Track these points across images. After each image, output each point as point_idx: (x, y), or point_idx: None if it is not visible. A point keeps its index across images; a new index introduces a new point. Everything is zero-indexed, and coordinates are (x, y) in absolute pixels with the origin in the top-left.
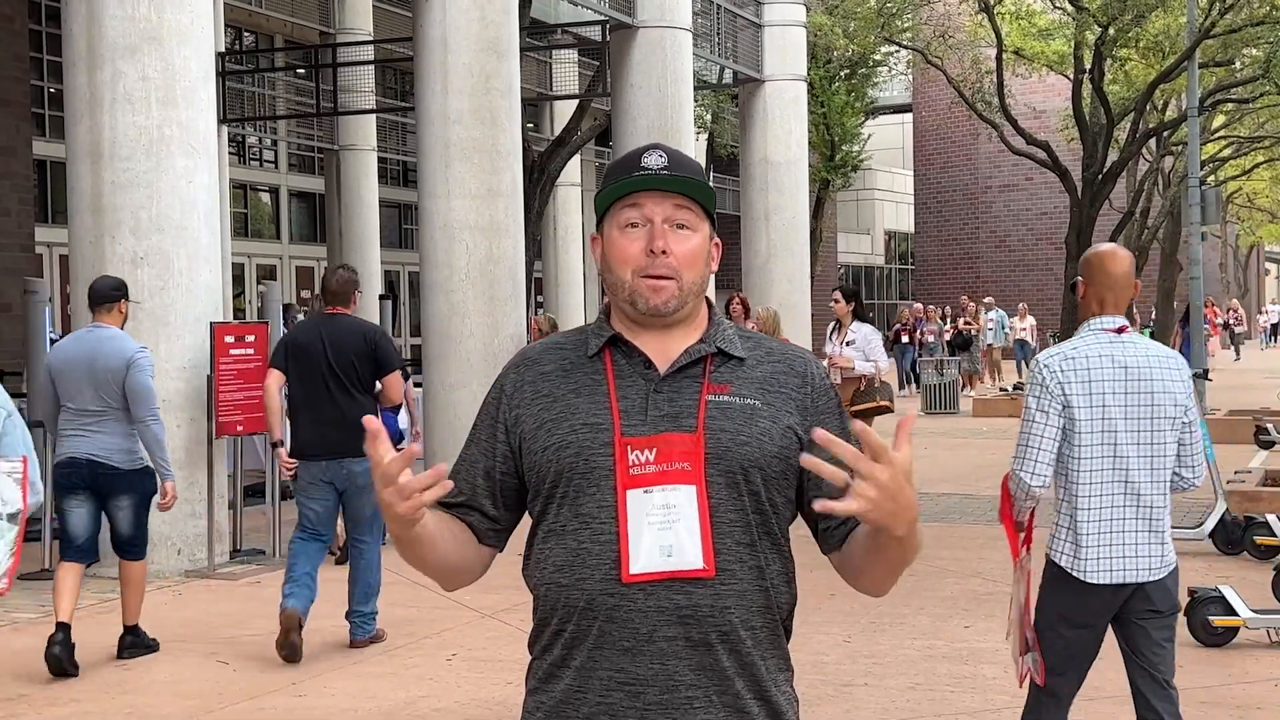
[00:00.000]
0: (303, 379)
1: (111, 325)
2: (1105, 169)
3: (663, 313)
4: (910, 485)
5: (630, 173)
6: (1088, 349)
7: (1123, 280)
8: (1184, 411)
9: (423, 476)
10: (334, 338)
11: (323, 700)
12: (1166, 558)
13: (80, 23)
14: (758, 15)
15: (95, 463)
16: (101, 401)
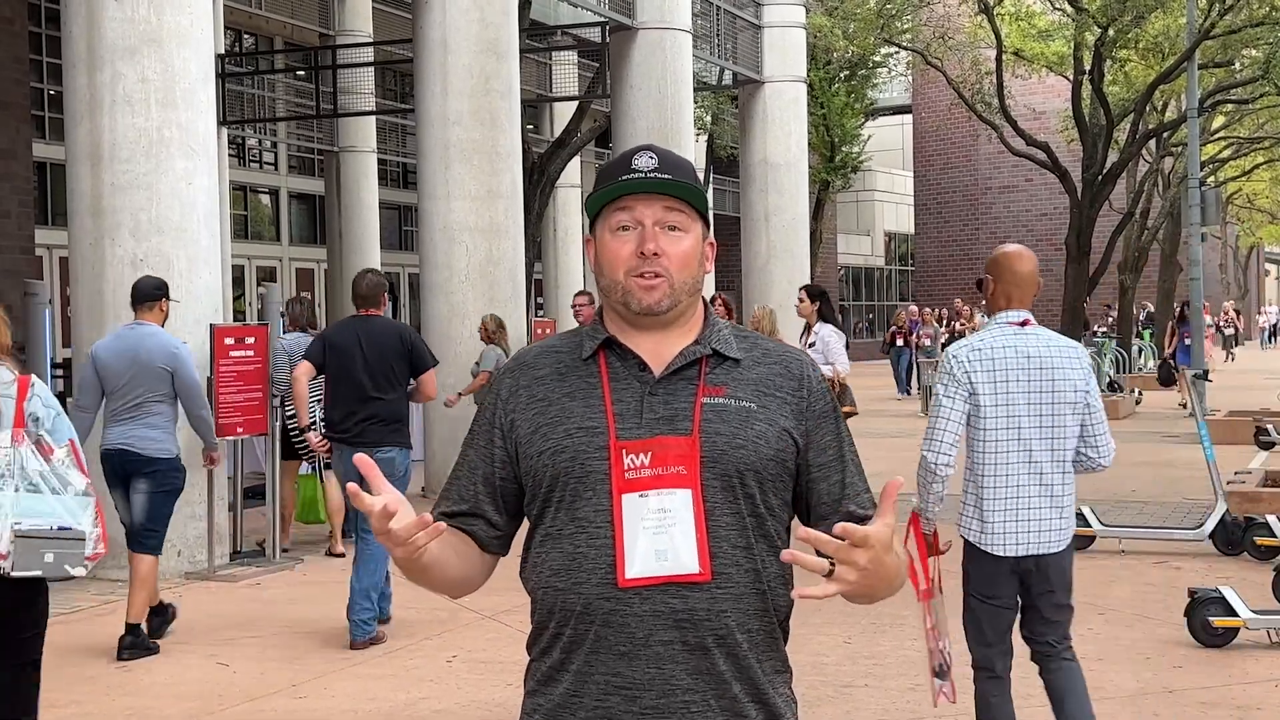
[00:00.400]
0: (340, 376)
1: (152, 322)
2: (1105, 170)
3: (656, 311)
4: (890, 553)
5: (620, 175)
6: (994, 340)
7: (1028, 279)
8: (1084, 396)
9: (410, 525)
10: (371, 338)
11: (323, 702)
12: (1066, 531)
13: (80, 25)
14: (757, 16)
15: (124, 451)
16: (141, 394)
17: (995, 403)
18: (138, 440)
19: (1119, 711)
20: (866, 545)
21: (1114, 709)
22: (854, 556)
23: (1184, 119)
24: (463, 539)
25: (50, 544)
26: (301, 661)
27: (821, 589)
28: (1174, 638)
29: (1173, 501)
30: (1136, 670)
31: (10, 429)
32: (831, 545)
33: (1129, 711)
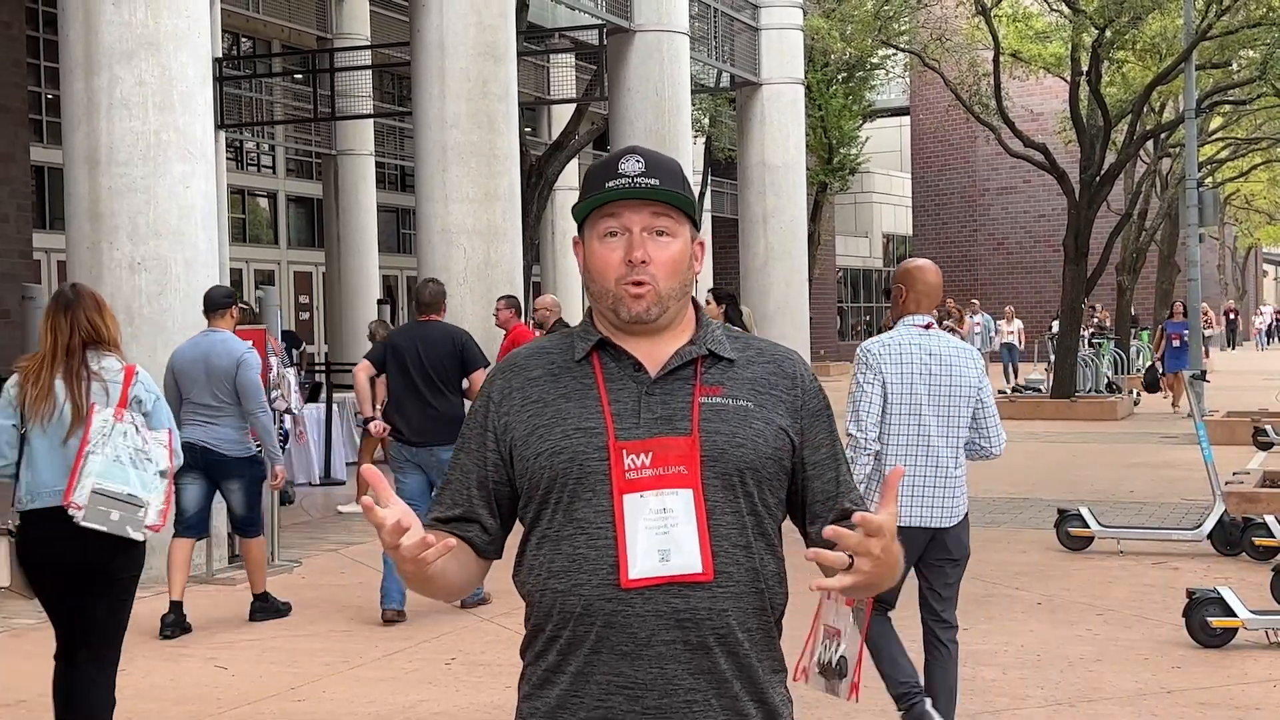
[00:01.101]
0: (400, 376)
1: (223, 329)
2: (1103, 171)
3: (645, 320)
4: (894, 541)
5: (607, 180)
6: (903, 339)
7: (935, 288)
8: (976, 392)
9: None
10: (427, 341)
11: (321, 705)
12: (958, 509)
13: (77, 28)
14: (754, 19)
15: (208, 449)
16: (215, 397)
17: (900, 393)
18: (220, 442)
19: (1117, 712)
20: (880, 534)
21: (1112, 709)
22: (870, 546)
23: (1182, 120)
24: (460, 545)
25: (117, 506)
26: (299, 664)
27: (838, 580)
28: (1172, 638)
29: (1171, 502)
30: (1135, 671)
31: (115, 407)
32: (853, 539)
33: (1127, 712)
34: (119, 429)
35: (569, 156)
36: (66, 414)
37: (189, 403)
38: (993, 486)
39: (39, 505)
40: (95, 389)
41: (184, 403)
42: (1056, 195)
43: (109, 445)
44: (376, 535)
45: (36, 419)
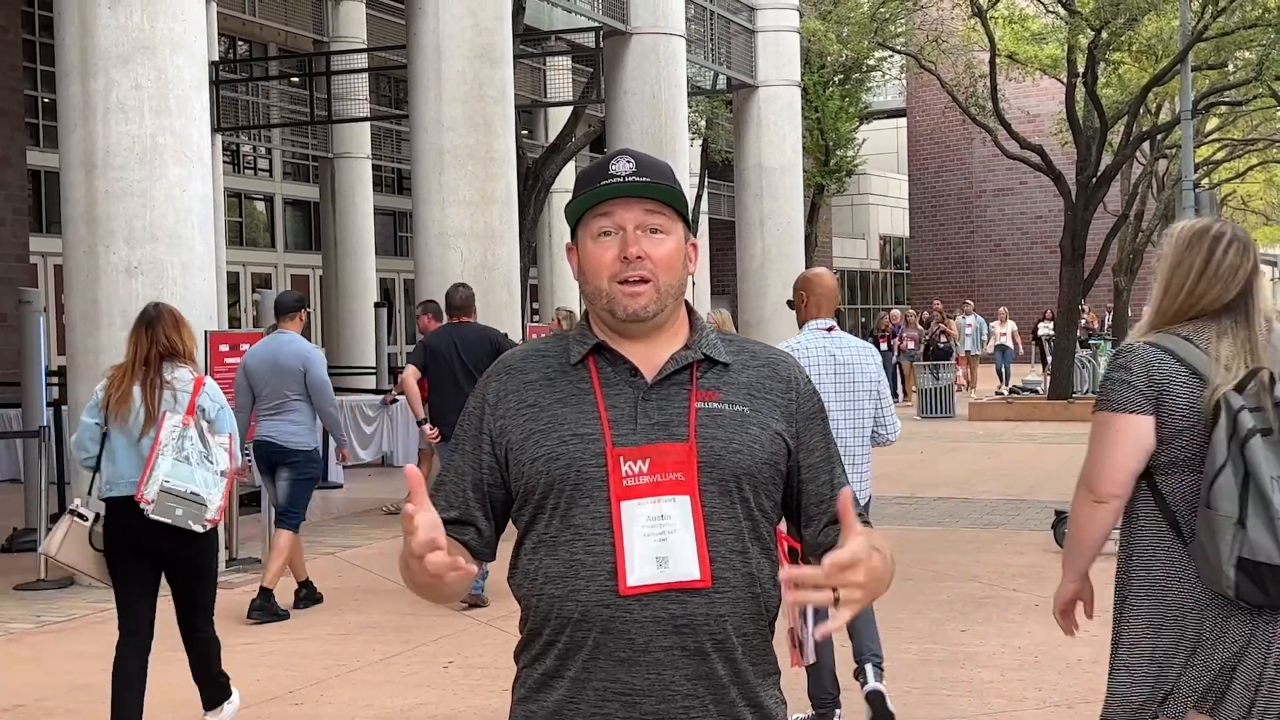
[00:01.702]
0: (440, 375)
1: (292, 330)
2: (1099, 172)
3: (642, 317)
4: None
5: (598, 181)
6: (809, 342)
7: (831, 295)
8: (876, 386)
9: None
10: (464, 341)
11: (319, 709)
12: (864, 495)
13: (73, 32)
14: (751, 21)
15: (270, 443)
16: (281, 394)
17: None
18: (280, 434)
19: None
20: (855, 565)
21: None
22: (850, 578)
23: (1178, 121)
24: (455, 546)
25: (182, 502)
26: (297, 668)
27: (836, 621)
28: None
29: None
30: None
31: (184, 414)
32: (823, 577)
33: None
34: (186, 433)
35: (566, 159)
36: (141, 416)
37: (260, 399)
38: (990, 488)
39: (117, 493)
40: (167, 397)
41: (256, 400)
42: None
43: (175, 447)
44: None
45: (116, 419)
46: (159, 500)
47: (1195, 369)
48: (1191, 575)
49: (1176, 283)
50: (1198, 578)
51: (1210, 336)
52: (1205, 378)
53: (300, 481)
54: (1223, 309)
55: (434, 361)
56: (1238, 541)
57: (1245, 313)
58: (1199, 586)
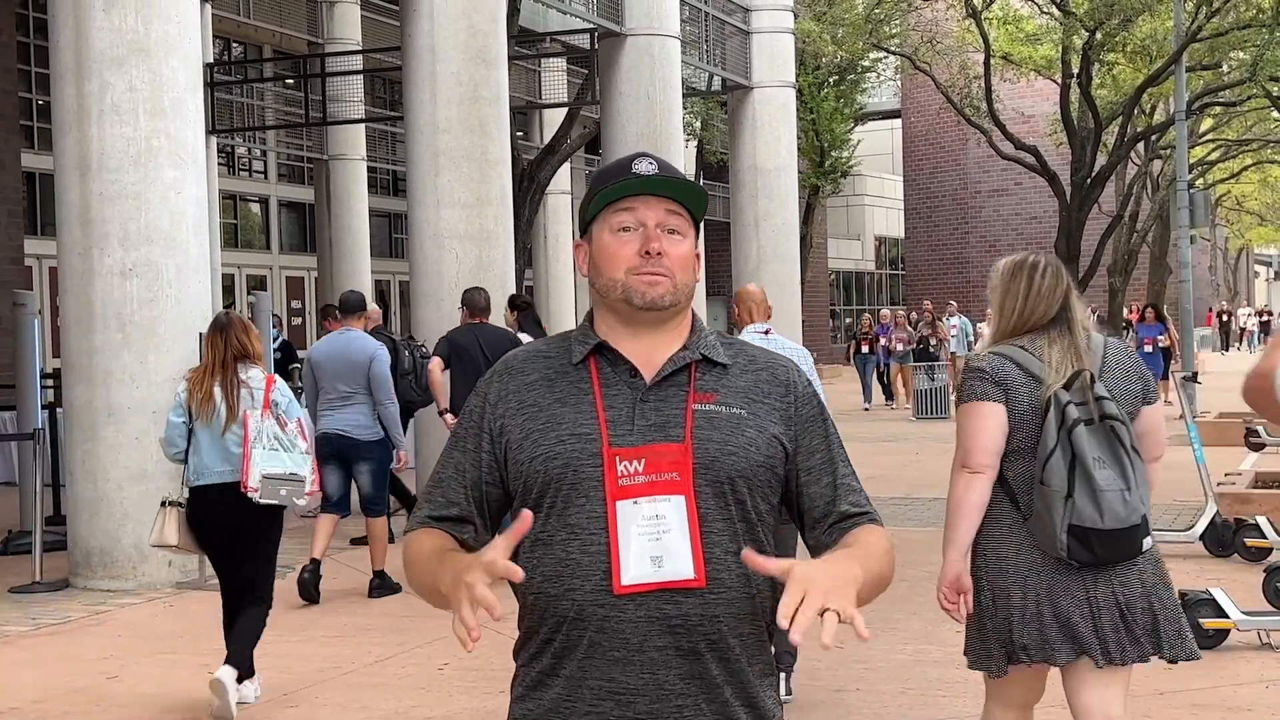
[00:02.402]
0: (464, 372)
1: (358, 328)
2: (1094, 173)
3: (659, 306)
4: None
5: (621, 178)
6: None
7: (761, 303)
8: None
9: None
10: (487, 340)
11: (314, 711)
12: None
13: (67, 35)
14: (746, 22)
15: (341, 436)
16: (348, 388)
17: None
18: (352, 427)
19: None
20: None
21: None
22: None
23: (1172, 122)
24: (455, 545)
25: (283, 483)
26: (292, 670)
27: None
28: None
29: (1163, 503)
30: None
31: (261, 408)
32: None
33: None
34: (266, 425)
35: (561, 161)
36: (222, 413)
37: (325, 394)
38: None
39: (203, 482)
40: (244, 395)
41: (320, 393)
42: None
43: (264, 439)
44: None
45: (201, 417)
46: (263, 486)
47: (1031, 372)
48: (1030, 544)
49: (1009, 306)
50: (1035, 546)
51: (1042, 346)
52: (1040, 379)
53: (379, 471)
54: (1049, 323)
55: (457, 358)
56: (1068, 511)
57: (1067, 324)
58: (1038, 553)
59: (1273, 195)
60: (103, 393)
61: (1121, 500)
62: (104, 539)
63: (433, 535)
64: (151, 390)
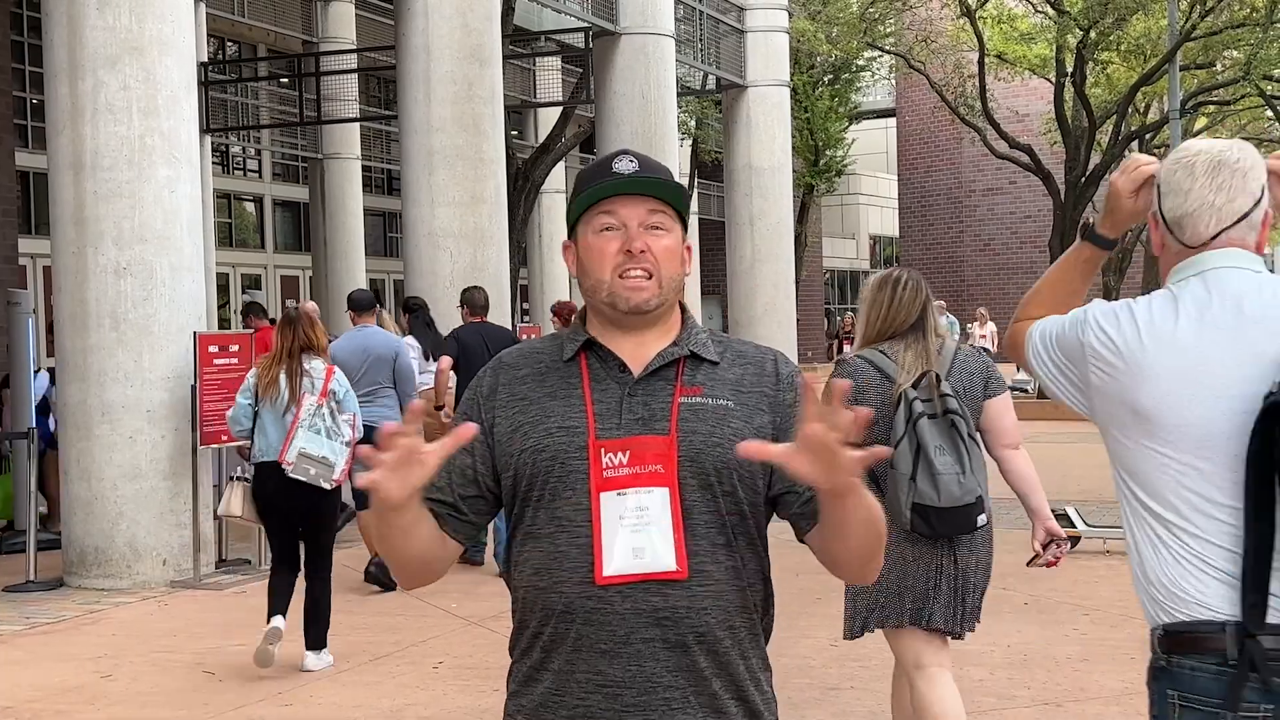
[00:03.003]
0: (470, 369)
1: (371, 324)
2: (1088, 172)
3: (644, 310)
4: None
5: (601, 179)
6: None
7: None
8: None
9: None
10: (491, 338)
11: (309, 710)
12: None
13: (61, 33)
14: (740, 21)
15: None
16: (372, 382)
17: None
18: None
19: (1104, 711)
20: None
21: (1099, 709)
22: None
23: (1166, 121)
24: (432, 522)
25: (313, 464)
26: (287, 670)
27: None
28: None
29: None
30: (1121, 670)
31: (319, 395)
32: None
33: (1114, 711)
34: (320, 411)
35: (555, 160)
36: (285, 397)
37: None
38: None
39: (266, 459)
40: (305, 382)
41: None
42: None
43: (312, 421)
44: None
45: (266, 400)
46: (297, 462)
47: (886, 373)
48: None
49: (873, 315)
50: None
51: (899, 350)
52: (893, 379)
53: None
54: (908, 330)
55: (464, 356)
56: (911, 492)
57: (923, 331)
58: (892, 528)
59: None
60: (97, 391)
61: (957, 482)
62: (98, 538)
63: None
64: (146, 389)
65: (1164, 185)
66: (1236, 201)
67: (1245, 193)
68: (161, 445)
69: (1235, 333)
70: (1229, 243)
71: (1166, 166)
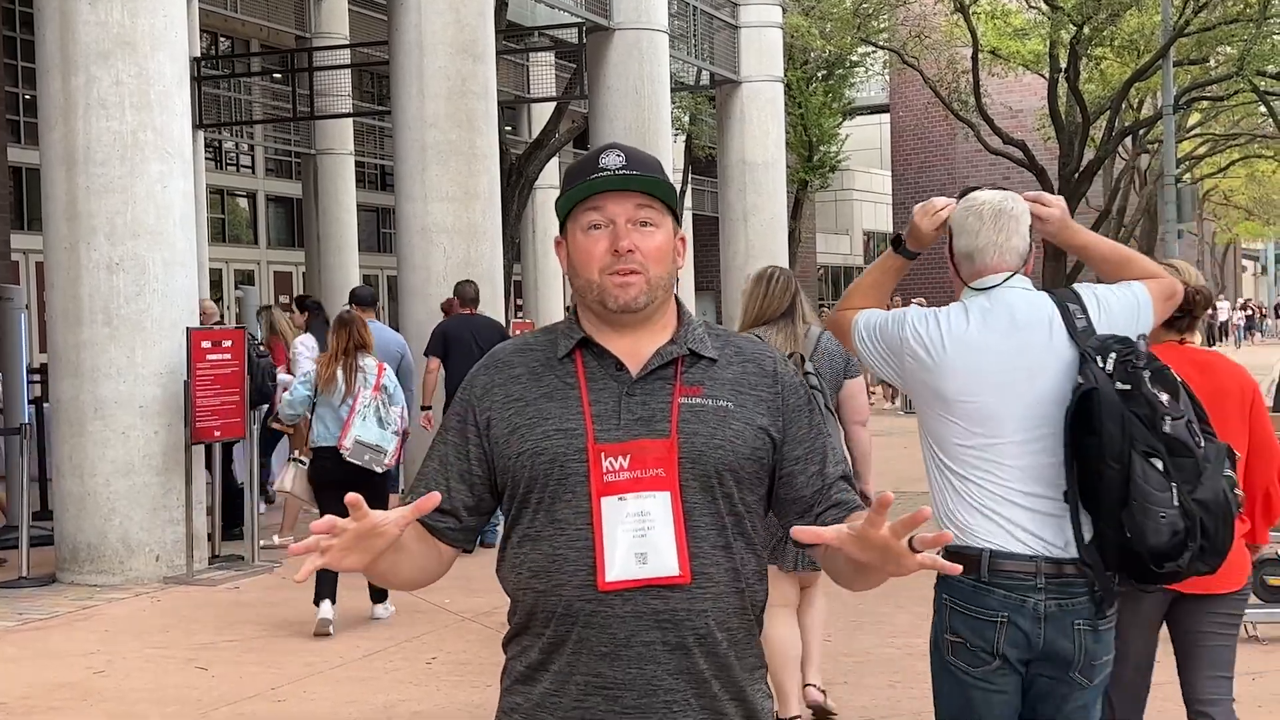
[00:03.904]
0: (459, 361)
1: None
2: (1082, 168)
3: (633, 308)
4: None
5: (588, 175)
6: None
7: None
8: None
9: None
10: (479, 330)
11: (302, 706)
12: None
13: (53, 28)
14: (734, 17)
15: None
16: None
17: None
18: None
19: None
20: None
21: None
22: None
23: (1160, 116)
24: (422, 535)
25: (368, 450)
26: (280, 665)
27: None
28: None
29: None
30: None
31: (372, 389)
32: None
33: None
34: (373, 403)
35: (549, 155)
36: (342, 390)
37: None
38: None
39: (323, 444)
40: (360, 377)
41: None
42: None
43: (367, 413)
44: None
45: (325, 392)
46: (354, 448)
47: None
48: None
49: (751, 304)
50: None
51: (770, 334)
52: None
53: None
54: (779, 317)
55: (453, 349)
56: None
57: (792, 318)
58: None
59: (1260, 190)
60: (90, 387)
61: None
62: (91, 534)
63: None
64: (138, 385)
65: (957, 226)
66: (1013, 240)
67: (1019, 234)
68: (154, 441)
69: (1010, 335)
70: (1006, 269)
71: (959, 212)
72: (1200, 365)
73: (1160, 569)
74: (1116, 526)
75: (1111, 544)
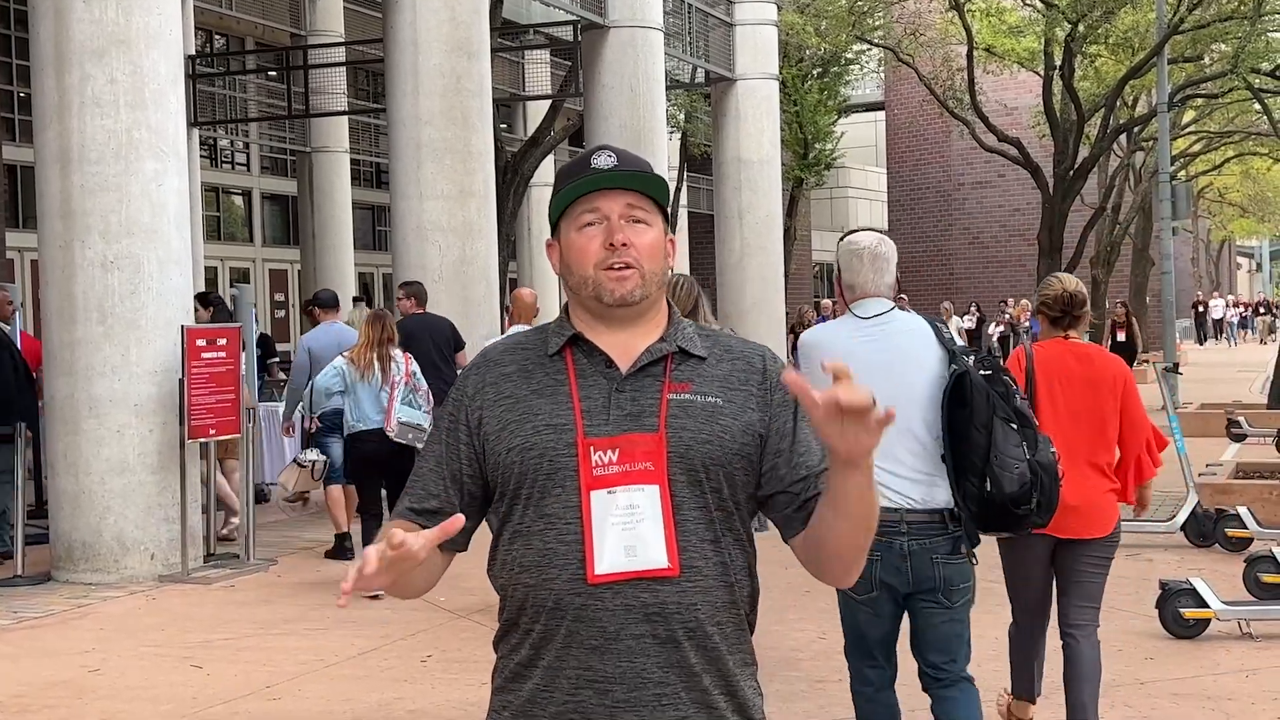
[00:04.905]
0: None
1: (339, 321)
2: (1076, 165)
3: (629, 302)
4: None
5: (581, 175)
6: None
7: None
8: None
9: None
10: (430, 329)
11: (297, 704)
12: None
13: (47, 26)
14: (729, 14)
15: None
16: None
17: None
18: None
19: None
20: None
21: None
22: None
23: (1154, 114)
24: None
25: (411, 430)
26: (275, 663)
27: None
28: (1145, 629)
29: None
30: (1108, 662)
31: (403, 377)
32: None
33: (1101, 703)
34: (407, 389)
35: (545, 153)
36: (379, 377)
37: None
38: None
39: (361, 427)
40: (392, 366)
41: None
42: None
43: (404, 398)
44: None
45: (362, 379)
46: (399, 429)
47: None
48: None
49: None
50: None
51: None
52: None
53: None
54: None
55: (413, 347)
56: None
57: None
58: None
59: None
60: (84, 385)
61: None
62: (86, 532)
63: (401, 526)
64: (133, 383)
65: (843, 264)
66: (885, 276)
67: (889, 271)
68: (149, 439)
69: (885, 342)
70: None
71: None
72: (1080, 356)
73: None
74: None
75: (974, 497)
